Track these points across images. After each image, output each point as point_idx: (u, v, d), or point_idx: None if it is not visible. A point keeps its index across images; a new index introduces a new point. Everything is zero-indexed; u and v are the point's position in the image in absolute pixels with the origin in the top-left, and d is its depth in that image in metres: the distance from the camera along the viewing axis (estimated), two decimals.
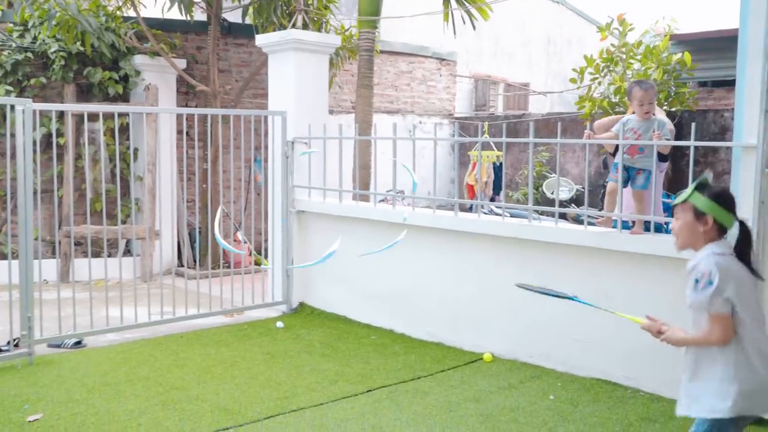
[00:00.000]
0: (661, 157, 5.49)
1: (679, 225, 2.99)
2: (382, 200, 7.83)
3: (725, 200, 2.95)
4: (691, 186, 3.00)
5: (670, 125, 5.19)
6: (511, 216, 6.43)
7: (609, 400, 4.57)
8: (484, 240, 5.56)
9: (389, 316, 6.33)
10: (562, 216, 7.24)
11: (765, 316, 2.94)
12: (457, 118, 14.07)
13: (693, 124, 4.77)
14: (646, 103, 4.90)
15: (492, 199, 10.18)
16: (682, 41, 11.57)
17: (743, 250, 2.95)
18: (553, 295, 3.58)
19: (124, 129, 8.56)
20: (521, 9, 17.08)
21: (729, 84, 10.47)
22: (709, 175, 3.14)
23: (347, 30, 10.13)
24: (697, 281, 2.85)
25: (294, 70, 6.98)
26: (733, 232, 2.98)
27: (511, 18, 17.06)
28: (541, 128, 11.65)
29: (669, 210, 7.93)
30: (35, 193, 5.54)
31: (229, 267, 7.38)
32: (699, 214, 2.92)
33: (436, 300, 5.93)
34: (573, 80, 10.50)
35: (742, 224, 2.99)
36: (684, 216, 2.96)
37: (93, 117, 7.95)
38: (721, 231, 2.95)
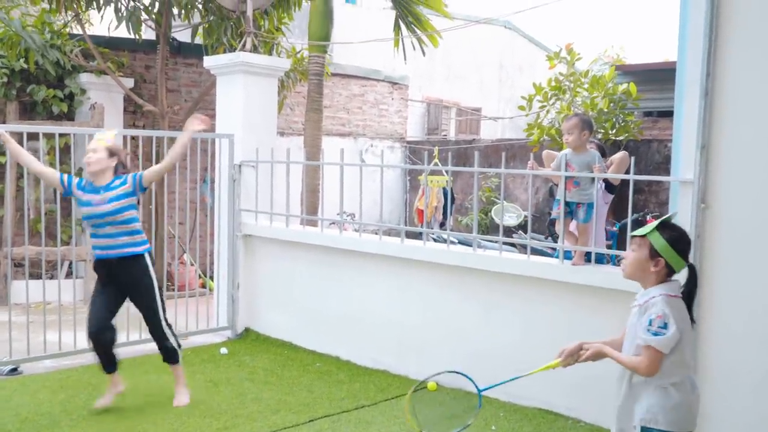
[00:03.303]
0: (610, 189, 5.61)
1: (632, 258, 3.06)
2: (332, 224, 7.81)
3: (682, 245, 3.03)
4: (653, 223, 3.06)
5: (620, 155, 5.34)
6: (459, 242, 6.48)
7: (550, 431, 4.60)
8: (429, 267, 5.57)
9: (335, 342, 6.28)
10: (510, 243, 7.31)
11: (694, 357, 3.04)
12: (408, 142, 14.17)
13: (632, 158, 4.88)
14: (566, 132, 5.07)
15: (442, 224, 10.25)
16: (628, 71, 11.89)
17: (691, 292, 3.06)
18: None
19: (69, 149, 8.38)
20: (474, 34, 17.34)
21: (673, 114, 10.75)
22: (674, 214, 3.21)
23: (299, 52, 10.13)
24: (650, 322, 2.92)
25: (242, 93, 6.94)
26: (682, 274, 3.07)
27: (463, 42, 17.29)
28: (491, 153, 11.82)
29: (613, 237, 8.11)
30: None
31: (174, 290, 7.25)
32: (653, 253, 2.99)
33: (382, 326, 5.92)
34: (522, 107, 10.69)
35: (692, 268, 3.09)
36: (639, 251, 3.03)
37: (35, 135, 7.77)
38: (670, 272, 3.03)
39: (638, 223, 8.83)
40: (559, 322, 4.85)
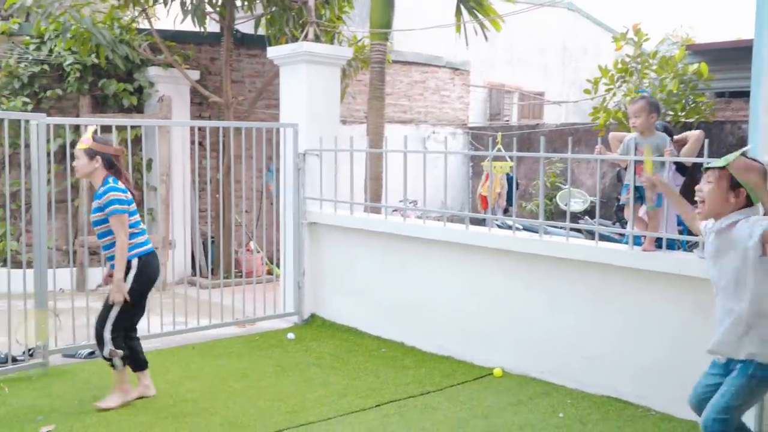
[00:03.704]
0: (682, 171, 5.45)
1: (710, 189, 3.01)
2: (395, 211, 7.83)
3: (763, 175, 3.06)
4: (732, 155, 3.00)
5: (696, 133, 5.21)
6: (523, 229, 6.41)
7: (619, 419, 4.53)
8: (494, 254, 5.54)
9: (400, 329, 6.32)
10: (576, 229, 7.20)
11: None
12: (470, 128, 14.06)
13: (706, 141, 4.73)
14: (632, 116, 4.95)
15: (506, 210, 10.16)
16: (698, 51, 11.49)
17: None
18: None
19: (138, 140, 8.64)
20: (536, 17, 17.02)
21: (747, 95, 10.37)
22: (748, 148, 3.16)
23: (360, 41, 10.16)
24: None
25: (305, 83, 7.01)
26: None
27: (525, 26, 17.00)
28: (556, 138, 11.62)
29: (683, 224, 7.88)
30: (50, 203, 5.59)
31: (242, 276, 7.41)
32: (734, 184, 2.94)
33: (447, 313, 5.92)
34: (587, 91, 10.47)
35: None
36: (718, 183, 2.98)
37: (107, 128, 8.03)
38: (748, 204, 2.98)
39: None
40: (627, 309, 4.76)
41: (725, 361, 3.17)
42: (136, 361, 4.91)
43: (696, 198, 3.09)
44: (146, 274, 4.80)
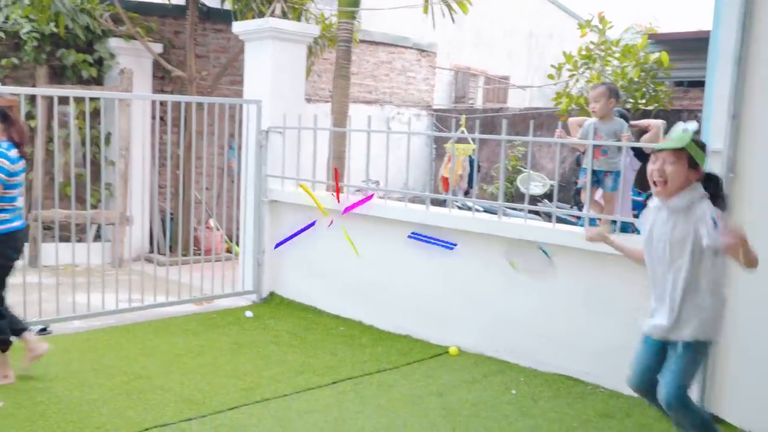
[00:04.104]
0: (640, 157, 5.55)
1: (674, 170, 3.11)
2: (357, 191, 7.83)
3: (705, 149, 3.27)
4: (686, 136, 3.09)
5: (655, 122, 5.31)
6: (483, 210, 6.47)
7: (569, 396, 4.63)
8: (453, 234, 5.58)
9: (358, 308, 6.35)
10: (535, 212, 7.29)
11: None
12: (435, 110, 14.08)
13: (662, 127, 4.82)
14: (592, 101, 5.05)
15: (467, 192, 10.23)
16: (659, 41, 11.67)
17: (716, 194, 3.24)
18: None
19: (97, 113, 8.47)
20: (504, 1, 17.09)
21: (704, 84, 10.56)
22: (697, 126, 3.25)
23: (327, 19, 10.07)
24: (715, 223, 3.02)
25: (271, 59, 6.94)
26: None
27: (493, 10, 17.06)
28: (519, 122, 11.70)
29: (639, 206, 8.02)
30: None
31: (200, 254, 7.33)
32: (694, 164, 3.07)
33: (405, 293, 5.96)
34: (551, 76, 10.56)
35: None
36: (679, 163, 3.10)
37: (65, 100, 7.87)
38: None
39: None
40: (581, 290, 4.85)
41: (648, 332, 3.31)
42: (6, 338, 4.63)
43: (655, 179, 3.16)
44: (4, 255, 4.53)
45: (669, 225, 3.21)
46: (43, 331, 5.73)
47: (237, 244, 8.08)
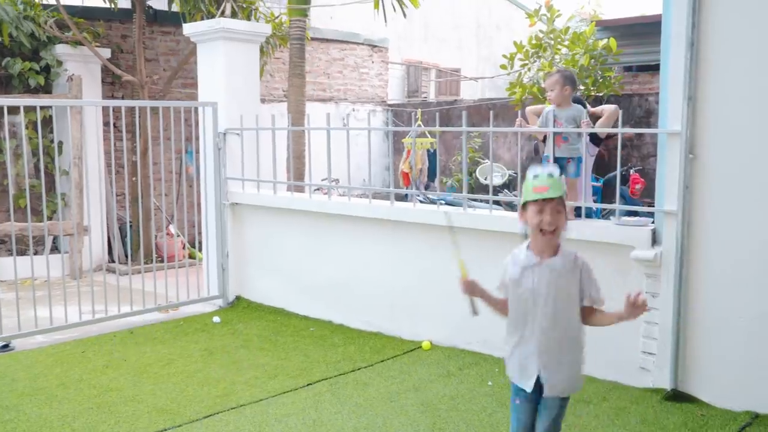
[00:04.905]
0: (595, 141, 5.63)
1: (561, 217, 3.01)
2: (317, 190, 7.79)
3: None
4: (557, 179, 3.02)
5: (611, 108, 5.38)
6: (446, 203, 6.50)
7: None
8: (419, 229, 5.59)
9: (327, 307, 6.31)
10: (496, 202, 7.34)
11: None
12: (390, 105, 14.09)
13: (620, 112, 4.89)
14: (548, 89, 5.13)
15: (427, 186, 10.26)
16: (607, 27, 11.85)
17: None
18: None
19: (48, 121, 8.26)
20: None
21: (653, 69, 10.78)
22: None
23: (277, 17, 9.99)
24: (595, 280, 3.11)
25: (224, 60, 6.84)
26: None
27: (440, 3, 17.13)
28: (473, 114, 11.77)
29: (597, 192, 8.14)
30: None
31: (162, 261, 7.22)
32: (564, 207, 3.02)
33: (374, 289, 5.95)
34: (503, 66, 10.65)
35: None
36: (561, 210, 3.01)
37: (13, 110, 7.65)
38: None
39: (625, 178, 8.89)
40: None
41: (530, 390, 3.16)
42: None
43: (545, 228, 2.97)
44: None
45: (546, 280, 3.12)
46: (5, 347, 5.57)
47: (199, 249, 7.97)
